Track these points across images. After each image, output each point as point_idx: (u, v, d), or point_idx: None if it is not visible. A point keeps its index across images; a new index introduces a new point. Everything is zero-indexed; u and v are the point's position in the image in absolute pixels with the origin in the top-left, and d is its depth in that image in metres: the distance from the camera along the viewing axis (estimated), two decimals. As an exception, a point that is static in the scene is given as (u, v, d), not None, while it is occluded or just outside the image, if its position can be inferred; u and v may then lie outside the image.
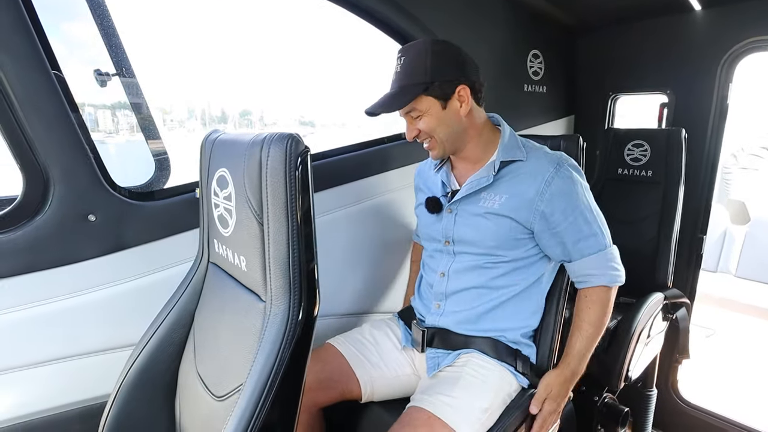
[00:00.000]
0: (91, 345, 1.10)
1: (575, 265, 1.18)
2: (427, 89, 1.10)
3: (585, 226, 1.15)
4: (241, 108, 3.61)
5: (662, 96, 2.09)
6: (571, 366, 1.17)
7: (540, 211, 1.14)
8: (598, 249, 1.16)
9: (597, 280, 1.16)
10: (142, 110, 1.25)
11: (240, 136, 0.76)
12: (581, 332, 1.17)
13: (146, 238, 1.15)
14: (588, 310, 1.17)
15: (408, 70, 1.11)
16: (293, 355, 0.66)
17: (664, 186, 1.91)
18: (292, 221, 0.66)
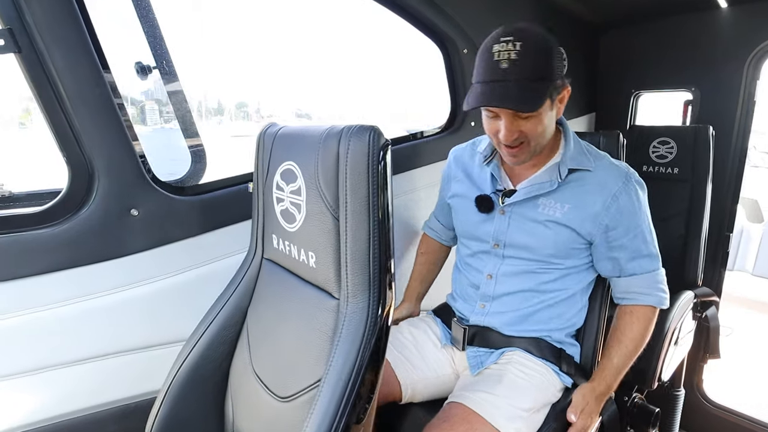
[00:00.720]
0: (135, 341, 1.08)
1: (623, 281, 1.15)
2: (548, 89, 0.97)
3: (643, 246, 1.12)
4: (237, 100, 3.56)
5: (686, 93, 2.09)
6: (607, 380, 1.14)
7: (603, 224, 1.09)
8: (650, 270, 1.13)
9: (644, 299, 1.13)
10: (180, 104, 1.23)
11: (308, 129, 0.74)
12: (621, 347, 1.13)
13: (188, 233, 1.13)
14: (632, 326, 1.13)
15: (530, 63, 0.94)
16: (373, 353, 0.64)
17: (692, 183, 1.91)
18: (373, 216, 0.64)
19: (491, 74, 0.96)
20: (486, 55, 0.98)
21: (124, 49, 1.25)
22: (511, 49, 0.94)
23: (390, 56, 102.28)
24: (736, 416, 2.02)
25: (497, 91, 0.96)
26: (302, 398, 0.71)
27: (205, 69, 16.07)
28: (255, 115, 15.78)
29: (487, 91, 0.97)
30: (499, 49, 0.95)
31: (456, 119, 1.77)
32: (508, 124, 1.00)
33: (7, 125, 9.84)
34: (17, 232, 0.95)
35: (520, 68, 0.94)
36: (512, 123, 1.00)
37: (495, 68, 0.95)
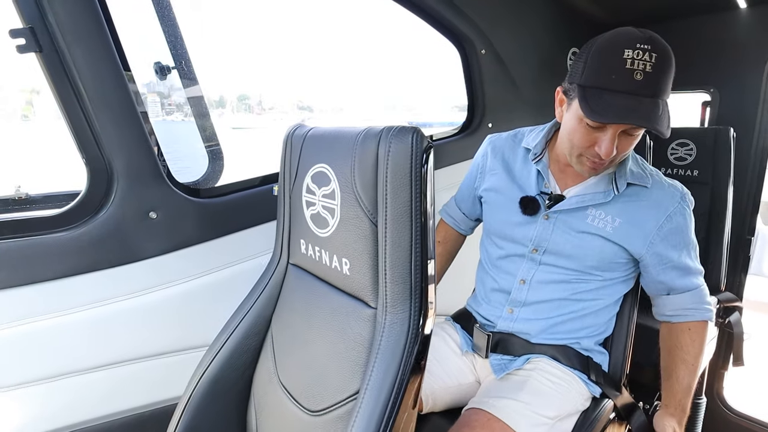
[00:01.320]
0: (153, 348, 1.06)
1: (672, 299, 1.11)
2: None
3: (690, 263, 1.09)
4: (239, 93, 3.56)
5: (704, 95, 2.06)
6: (683, 404, 1.11)
7: (655, 244, 1.05)
8: (698, 286, 1.11)
9: (696, 315, 1.10)
10: (199, 105, 1.21)
11: (341, 129, 0.71)
12: (687, 366, 1.10)
13: (207, 236, 1.10)
14: (693, 344, 1.10)
15: (663, 80, 0.87)
16: (414, 367, 0.61)
17: (712, 186, 1.87)
18: (416, 222, 0.60)
19: (622, 83, 0.86)
20: (614, 58, 0.86)
21: (141, 48, 1.23)
22: (648, 60, 0.85)
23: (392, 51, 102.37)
24: (756, 424, 1.98)
25: (636, 107, 0.86)
26: (336, 412, 0.68)
27: (207, 62, 16.06)
28: (256, 108, 15.81)
29: (621, 104, 0.86)
30: (634, 56, 0.85)
31: (473, 121, 1.74)
32: (614, 139, 0.91)
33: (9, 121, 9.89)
34: (35, 236, 0.93)
35: (654, 84, 0.86)
36: (611, 139, 0.91)
37: (628, 77, 0.85)
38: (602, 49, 0.90)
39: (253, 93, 28.71)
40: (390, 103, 44.70)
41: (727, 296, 1.80)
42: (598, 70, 0.89)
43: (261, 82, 62.77)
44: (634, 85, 0.85)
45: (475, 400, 1.06)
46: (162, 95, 1.35)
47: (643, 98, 0.85)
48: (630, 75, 0.84)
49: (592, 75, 0.89)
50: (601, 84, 0.88)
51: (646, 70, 0.84)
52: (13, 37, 0.87)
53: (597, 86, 0.88)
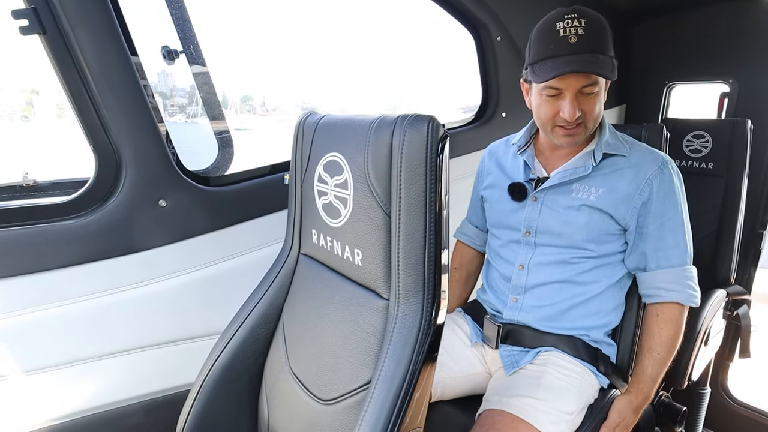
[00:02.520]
0: (164, 335, 1.06)
1: (648, 275, 1.10)
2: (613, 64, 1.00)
3: (670, 235, 1.07)
4: (243, 93, 3.54)
5: (722, 86, 2.01)
6: (645, 391, 1.10)
7: (636, 208, 1.07)
8: (677, 263, 1.08)
9: (670, 296, 1.07)
10: (208, 92, 1.19)
11: (354, 117, 0.70)
12: (652, 355, 1.08)
13: (217, 225, 1.10)
14: (660, 331, 1.08)
15: (597, 37, 0.98)
16: (427, 357, 0.61)
17: (727, 179, 1.84)
18: (430, 213, 0.59)
19: (561, 49, 0.97)
20: (550, 33, 0.99)
21: (148, 34, 1.21)
22: (578, 26, 0.97)
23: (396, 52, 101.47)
24: (760, 414, 1.99)
25: (575, 61, 0.96)
26: (347, 401, 0.68)
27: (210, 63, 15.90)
28: (260, 109, 15.81)
29: (562, 62, 0.97)
30: (564, 26, 0.97)
31: (487, 110, 1.71)
32: (573, 101, 1.01)
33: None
34: (44, 223, 0.93)
35: (589, 42, 0.96)
36: (573, 100, 1.01)
37: (564, 43, 0.97)
38: (538, 29, 1.04)
39: (257, 94, 28.64)
40: (393, 104, 44.76)
41: (736, 289, 1.79)
42: (539, 46, 1.02)
43: (265, 82, 62.22)
44: (571, 48, 0.97)
45: (492, 400, 1.05)
46: (164, 96, 1.34)
47: (582, 54, 0.96)
48: (565, 41, 0.97)
49: (536, 52, 1.03)
50: (544, 55, 1.00)
51: (578, 33, 0.96)
52: (16, 18, 0.84)
53: (541, 58, 1.01)
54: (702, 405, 1.91)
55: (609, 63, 0.99)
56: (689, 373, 1.55)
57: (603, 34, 0.99)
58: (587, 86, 1.00)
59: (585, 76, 0.99)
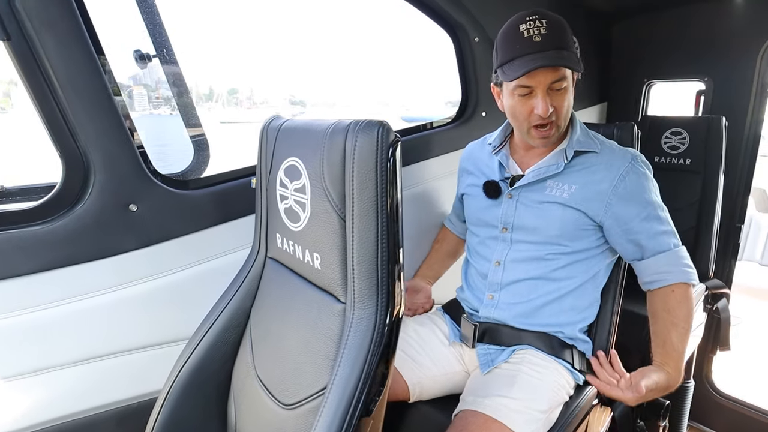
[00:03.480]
0: (134, 341, 1.05)
1: (647, 263, 1.12)
2: (577, 59, 1.05)
3: (657, 223, 1.11)
4: (230, 86, 3.51)
5: (698, 83, 2.04)
6: (680, 369, 1.09)
7: (612, 204, 1.10)
8: (671, 247, 1.11)
9: (673, 277, 1.10)
10: (182, 94, 1.19)
11: (313, 123, 0.70)
12: (678, 330, 1.08)
13: (190, 229, 1.09)
14: (680, 305, 1.09)
15: (559, 35, 1.02)
16: (380, 361, 0.61)
17: (704, 175, 1.87)
18: (382, 217, 0.60)
19: (527, 48, 1.02)
20: (514, 35, 1.04)
21: (120, 35, 1.21)
22: (540, 26, 1.01)
23: (386, 46, 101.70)
24: (745, 407, 2.02)
25: (542, 57, 1.00)
26: (307, 406, 0.68)
27: (198, 54, 15.60)
28: (247, 102, 15.70)
29: (530, 60, 1.01)
30: (527, 27, 1.02)
31: (467, 109, 1.72)
32: (545, 98, 1.04)
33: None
34: (11, 229, 0.92)
35: (552, 39, 1.01)
36: (545, 96, 1.05)
37: (529, 43, 1.01)
38: (503, 33, 1.08)
39: (244, 87, 28.73)
40: (383, 99, 44.77)
41: (715, 283, 1.81)
42: (505, 48, 1.06)
43: (253, 75, 62.21)
44: (536, 47, 1.01)
45: (467, 400, 1.06)
46: (149, 88, 1.34)
47: (547, 51, 1.01)
48: (530, 41, 1.01)
49: (503, 54, 1.07)
50: (511, 56, 1.04)
51: (541, 33, 1.01)
52: None
53: (509, 59, 1.05)
54: (686, 398, 1.94)
55: (573, 57, 1.04)
56: (682, 373, 1.57)
57: (564, 32, 1.04)
58: (556, 81, 1.04)
59: (553, 71, 1.02)
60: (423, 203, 1.60)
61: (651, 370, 1.09)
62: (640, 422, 1.66)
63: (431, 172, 1.60)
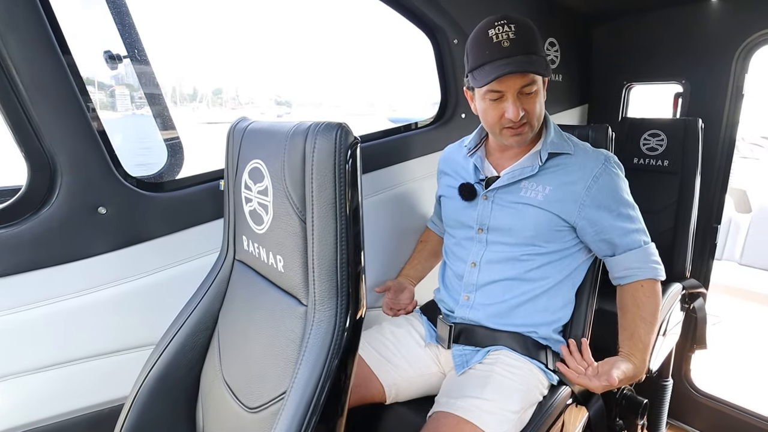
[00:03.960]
0: (103, 346, 1.04)
1: (618, 259, 1.15)
2: (546, 63, 1.06)
3: (628, 222, 1.14)
4: (216, 86, 3.47)
5: (677, 86, 2.07)
6: (645, 361, 1.12)
7: (586, 205, 1.12)
8: (641, 244, 1.14)
9: (642, 273, 1.13)
10: (155, 96, 1.17)
11: (276, 125, 0.70)
12: (646, 324, 1.12)
13: (160, 232, 1.08)
14: (648, 300, 1.13)
15: (528, 40, 1.03)
16: (340, 364, 0.61)
17: (681, 176, 1.90)
18: (341, 219, 0.60)
19: (496, 54, 1.03)
20: (483, 40, 1.05)
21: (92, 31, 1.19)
22: (508, 31, 1.02)
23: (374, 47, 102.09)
24: (723, 404, 2.05)
25: (511, 63, 1.01)
26: (270, 409, 0.68)
27: (183, 54, 15.43)
28: (232, 102, 15.57)
29: (499, 66, 1.02)
30: (496, 32, 1.03)
31: (446, 111, 1.73)
32: (515, 101, 1.06)
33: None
34: None
35: (521, 44, 1.02)
36: (516, 100, 1.06)
37: (498, 48, 1.03)
38: (473, 38, 1.09)
39: (230, 87, 28.56)
40: (370, 100, 44.68)
41: (691, 283, 1.84)
42: (476, 53, 1.07)
43: (239, 75, 61.70)
44: (505, 52, 1.02)
45: (441, 402, 1.07)
46: (132, 88, 1.33)
47: (515, 57, 1.02)
48: (499, 46, 1.02)
49: (473, 59, 1.08)
50: (481, 61, 1.05)
51: (510, 38, 1.02)
52: None
53: (479, 65, 1.06)
54: (665, 396, 1.96)
55: (542, 62, 1.05)
56: (647, 365, 1.59)
57: (533, 36, 1.05)
58: (526, 86, 1.05)
59: (522, 76, 1.03)
60: (404, 204, 1.60)
61: (618, 360, 1.11)
62: (619, 421, 1.68)
63: (412, 173, 1.60)
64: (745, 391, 2.24)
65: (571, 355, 1.15)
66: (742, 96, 1.89)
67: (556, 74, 2.06)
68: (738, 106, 1.90)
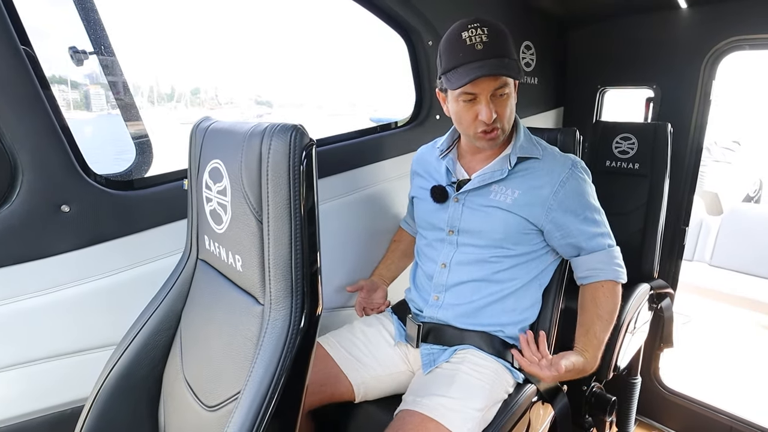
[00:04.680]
0: (62, 347, 1.02)
1: (582, 259, 1.18)
2: (519, 66, 1.08)
3: (594, 226, 1.17)
4: (195, 86, 3.43)
5: (648, 90, 2.12)
6: (597, 358, 1.15)
7: (553, 209, 1.14)
8: (605, 247, 1.18)
9: (604, 274, 1.17)
10: (122, 93, 1.16)
11: (236, 125, 0.70)
12: (602, 321, 1.15)
13: (126, 231, 1.07)
14: (607, 300, 1.16)
15: (501, 43, 1.05)
16: (295, 363, 0.62)
17: (651, 179, 1.95)
18: (295, 220, 0.60)
19: (469, 57, 1.04)
20: (456, 42, 1.06)
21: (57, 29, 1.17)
22: (482, 34, 1.03)
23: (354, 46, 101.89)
24: (690, 401, 2.10)
25: (484, 66, 1.03)
26: (226, 408, 0.68)
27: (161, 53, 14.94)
28: (211, 102, 15.37)
29: (473, 68, 1.03)
30: (469, 35, 1.04)
31: (421, 112, 1.74)
32: (488, 104, 1.07)
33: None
34: None
35: (494, 48, 1.04)
36: (488, 103, 1.07)
37: (471, 51, 1.04)
38: (446, 41, 1.10)
39: (209, 86, 28.05)
40: (351, 100, 44.93)
41: (659, 283, 1.89)
42: (449, 56, 1.08)
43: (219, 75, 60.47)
44: (478, 55, 1.03)
45: (408, 400, 1.08)
46: (107, 87, 1.31)
47: (488, 60, 1.03)
48: (472, 49, 1.03)
49: (447, 62, 1.08)
50: (455, 64, 1.06)
51: (483, 41, 1.03)
52: None
53: (453, 67, 1.07)
54: (633, 394, 2.01)
55: (514, 66, 1.07)
56: (615, 362, 1.62)
57: (505, 40, 1.07)
58: (499, 89, 1.07)
59: (495, 78, 1.05)
60: (378, 204, 1.61)
61: (570, 353, 1.15)
62: (588, 418, 1.72)
63: (386, 174, 1.62)
64: (712, 388, 2.31)
65: (528, 346, 1.17)
66: (709, 102, 1.94)
67: (531, 77, 2.09)
68: (706, 111, 1.95)
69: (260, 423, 0.58)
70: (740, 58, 1.96)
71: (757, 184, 4.84)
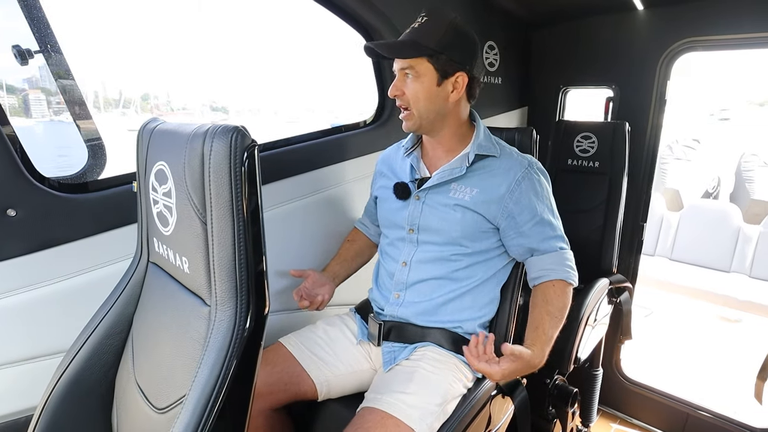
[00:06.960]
0: (10, 354, 0.99)
1: (535, 260, 1.21)
2: (432, 56, 1.10)
3: (549, 228, 1.19)
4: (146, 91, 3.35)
5: (608, 90, 2.19)
6: (545, 353, 1.13)
7: (508, 208, 1.17)
8: (558, 248, 1.20)
9: (555, 274, 1.18)
10: (71, 92, 1.13)
11: (181, 127, 0.70)
12: (552, 319, 1.15)
13: (76, 235, 1.04)
14: (557, 298, 1.17)
15: (425, 30, 1.10)
16: (241, 363, 0.62)
17: (610, 176, 2.01)
18: (238, 220, 0.61)
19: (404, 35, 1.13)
20: None
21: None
22: (420, 21, 1.12)
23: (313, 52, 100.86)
24: (651, 391, 2.19)
25: (388, 45, 1.16)
26: (175, 410, 0.68)
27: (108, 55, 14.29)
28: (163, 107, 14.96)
29: (380, 44, 1.14)
30: (416, 19, 1.13)
31: (384, 112, 1.75)
32: (396, 81, 1.15)
33: None
34: None
35: (416, 33, 1.11)
36: (399, 81, 1.14)
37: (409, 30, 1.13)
38: None
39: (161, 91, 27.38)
40: (310, 105, 44.50)
41: (617, 278, 1.95)
42: None
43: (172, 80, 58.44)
44: (409, 35, 1.12)
45: (369, 398, 1.09)
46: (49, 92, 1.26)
47: (405, 41, 1.11)
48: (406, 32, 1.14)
49: None
50: None
51: (414, 27, 1.12)
52: None
53: None
54: (595, 385, 2.08)
55: (416, 49, 1.10)
56: (575, 355, 1.67)
57: (436, 30, 1.10)
58: (404, 69, 1.12)
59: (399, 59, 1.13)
60: (337, 205, 1.61)
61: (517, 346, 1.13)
62: (551, 409, 1.77)
63: (346, 175, 1.62)
64: (672, 378, 2.40)
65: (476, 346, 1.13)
66: (665, 102, 2.02)
67: (495, 77, 2.13)
68: (661, 111, 2.02)
69: (205, 424, 0.58)
70: (700, 59, 2.04)
71: (716, 181, 5.06)
